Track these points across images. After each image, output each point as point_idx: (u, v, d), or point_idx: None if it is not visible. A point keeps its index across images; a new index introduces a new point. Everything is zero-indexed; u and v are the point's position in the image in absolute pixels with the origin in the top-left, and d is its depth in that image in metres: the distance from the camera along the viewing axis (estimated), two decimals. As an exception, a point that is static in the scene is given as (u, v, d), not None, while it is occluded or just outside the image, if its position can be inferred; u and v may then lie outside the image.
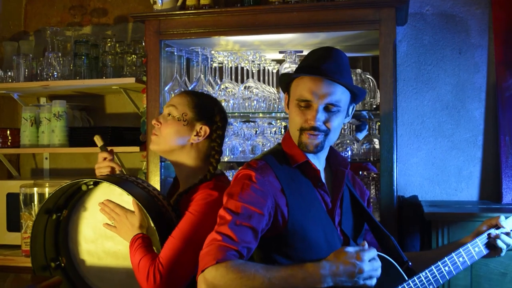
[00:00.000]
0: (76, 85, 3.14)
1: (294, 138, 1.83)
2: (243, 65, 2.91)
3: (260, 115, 2.86)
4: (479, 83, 2.93)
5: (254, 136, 2.89)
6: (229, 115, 2.20)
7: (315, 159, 1.85)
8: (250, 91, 2.84)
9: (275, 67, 3.00)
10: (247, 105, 2.82)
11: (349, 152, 2.73)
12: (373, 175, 2.83)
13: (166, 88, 2.80)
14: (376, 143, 2.72)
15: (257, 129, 2.91)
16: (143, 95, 2.92)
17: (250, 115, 2.86)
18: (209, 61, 3.02)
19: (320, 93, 1.76)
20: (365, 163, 2.86)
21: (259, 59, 2.88)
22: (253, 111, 2.81)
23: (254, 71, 2.90)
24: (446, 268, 1.82)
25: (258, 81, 2.93)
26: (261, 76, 2.97)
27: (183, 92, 2.16)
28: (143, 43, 3.01)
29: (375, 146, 2.73)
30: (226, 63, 2.88)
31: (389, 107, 2.48)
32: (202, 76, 2.88)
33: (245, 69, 2.92)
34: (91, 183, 2.04)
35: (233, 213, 1.69)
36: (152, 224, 1.92)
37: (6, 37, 3.63)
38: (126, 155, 3.30)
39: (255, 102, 2.82)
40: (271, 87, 2.98)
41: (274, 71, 3.02)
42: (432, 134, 2.98)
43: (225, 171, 2.62)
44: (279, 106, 2.82)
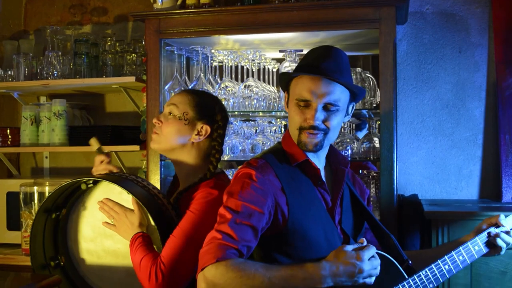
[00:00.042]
0: (76, 84, 3.13)
1: (294, 137, 1.83)
2: (243, 64, 2.91)
3: (260, 114, 2.86)
4: (479, 82, 2.93)
5: (254, 135, 2.89)
6: (229, 114, 2.20)
7: (315, 158, 1.85)
8: (250, 90, 2.84)
9: (275, 66, 2.99)
10: (247, 104, 2.81)
11: (349, 151, 2.73)
12: (373, 174, 2.83)
13: (166, 87, 2.80)
14: (376, 142, 2.72)
15: (257, 128, 2.91)
16: (143, 94, 2.92)
17: (250, 114, 2.86)
18: (209, 60, 3.02)
19: (319, 92, 1.76)
20: (365, 162, 2.86)
21: (259, 58, 2.88)
22: (253, 110, 2.81)
23: (254, 70, 2.89)
24: (446, 266, 1.82)
25: (258, 80, 2.93)
26: (261, 75, 2.97)
27: (184, 91, 2.15)
28: (143, 42, 3.02)
29: (375, 145, 2.73)
30: (226, 62, 2.88)
31: (389, 106, 2.48)
32: (202, 75, 2.87)
33: (245, 68, 2.92)
34: (90, 182, 2.03)
35: (233, 211, 1.69)
36: (152, 223, 1.91)
37: (6, 36, 3.63)
38: (126, 154, 3.30)
39: (255, 101, 2.81)
40: (271, 86, 2.98)
41: (274, 70, 3.02)
42: (432, 133, 2.98)
43: (225, 170, 2.62)
44: (279, 105, 2.82)
